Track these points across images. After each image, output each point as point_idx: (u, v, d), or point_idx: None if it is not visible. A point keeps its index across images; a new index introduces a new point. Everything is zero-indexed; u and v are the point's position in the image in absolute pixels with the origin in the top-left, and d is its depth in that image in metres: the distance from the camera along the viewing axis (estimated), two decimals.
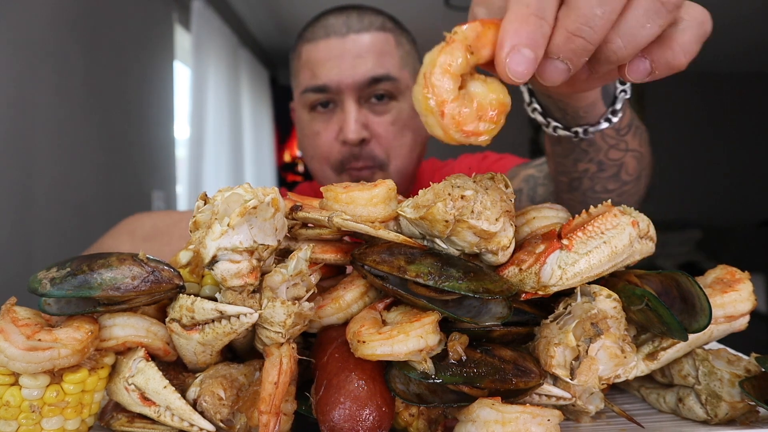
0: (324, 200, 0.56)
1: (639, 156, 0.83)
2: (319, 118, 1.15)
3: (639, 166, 0.84)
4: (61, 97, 1.91)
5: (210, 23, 3.16)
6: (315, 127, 1.15)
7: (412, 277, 0.49)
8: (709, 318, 0.50)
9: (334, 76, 1.09)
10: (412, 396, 0.49)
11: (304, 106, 1.17)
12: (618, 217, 0.52)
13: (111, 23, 2.29)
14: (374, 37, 1.11)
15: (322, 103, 1.14)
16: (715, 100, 6.09)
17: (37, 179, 1.75)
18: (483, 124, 0.44)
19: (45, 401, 0.48)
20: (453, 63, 0.43)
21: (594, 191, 0.85)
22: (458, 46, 0.43)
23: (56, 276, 0.49)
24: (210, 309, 0.48)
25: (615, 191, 0.85)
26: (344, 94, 1.09)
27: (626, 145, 0.80)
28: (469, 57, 0.43)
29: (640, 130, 0.82)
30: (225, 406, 0.50)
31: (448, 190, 0.49)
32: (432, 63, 0.43)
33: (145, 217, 1.04)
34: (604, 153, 0.79)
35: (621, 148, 0.80)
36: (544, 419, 0.46)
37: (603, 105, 0.72)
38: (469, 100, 0.44)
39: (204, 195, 0.50)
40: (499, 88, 0.45)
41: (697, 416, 0.55)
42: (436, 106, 0.43)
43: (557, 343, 0.50)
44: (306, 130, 1.18)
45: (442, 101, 0.43)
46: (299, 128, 1.23)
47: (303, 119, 1.19)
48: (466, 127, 0.44)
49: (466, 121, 0.44)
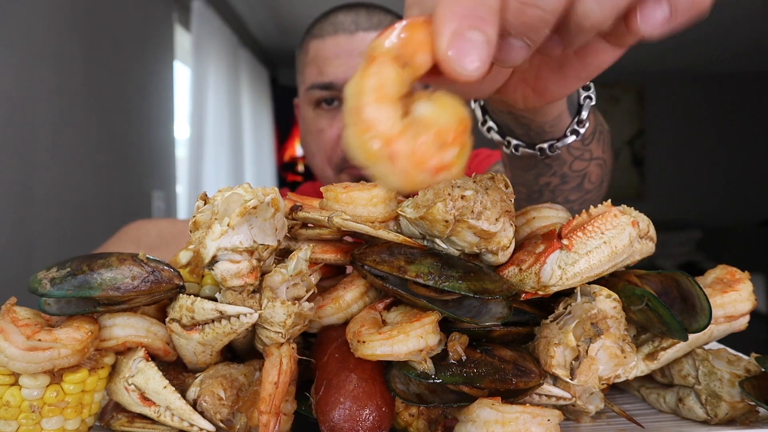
0: (324, 200, 0.56)
1: (602, 163, 0.77)
2: (324, 115, 1.15)
3: (602, 173, 0.78)
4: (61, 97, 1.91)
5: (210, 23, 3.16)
6: (319, 125, 1.15)
7: (412, 277, 0.49)
8: (709, 318, 0.50)
9: (341, 74, 1.09)
10: (412, 396, 0.49)
11: (309, 102, 1.17)
12: (618, 217, 0.52)
13: (111, 23, 2.29)
14: None
15: (327, 100, 1.14)
16: (715, 100, 6.09)
17: (37, 179, 1.75)
18: (448, 152, 0.33)
19: (45, 401, 0.48)
20: (385, 85, 0.32)
21: (554, 201, 0.75)
22: (384, 62, 0.33)
23: (56, 276, 0.49)
24: (210, 309, 0.48)
25: (577, 201, 0.80)
26: None
27: (590, 154, 0.74)
28: (403, 71, 0.33)
29: (603, 135, 0.76)
30: (225, 406, 0.50)
31: (448, 190, 0.49)
32: (358, 93, 0.32)
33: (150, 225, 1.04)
34: (569, 165, 0.73)
35: (585, 158, 0.73)
36: (544, 419, 0.46)
37: (568, 116, 0.64)
38: (420, 127, 0.33)
39: (204, 195, 0.50)
40: (451, 100, 0.35)
41: (697, 416, 0.55)
42: (381, 149, 0.32)
43: (557, 343, 0.50)
44: (310, 126, 1.18)
45: (388, 139, 0.32)
46: (303, 125, 1.23)
47: (307, 116, 1.19)
48: (429, 163, 0.33)
49: (426, 156, 0.32)
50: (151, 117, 2.70)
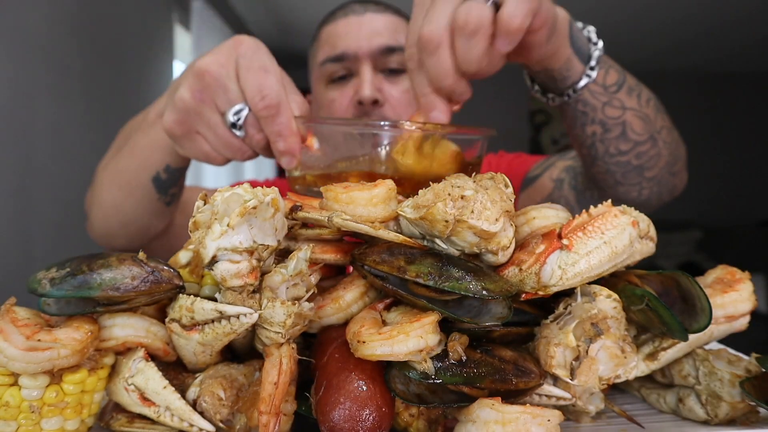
0: (324, 200, 0.56)
1: (643, 116, 0.87)
2: (336, 88, 1.19)
3: (646, 127, 0.88)
4: (61, 97, 1.91)
5: (210, 23, 3.16)
6: (330, 96, 1.19)
7: (412, 277, 0.49)
8: (709, 318, 0.50)
9: (352, 44, 1.14)
10: (412, 396, 0.49)
11: (322, 79, 1.20)
12: (618, 217, 0.52)
13: (111, 23, 2.29)
14: (390, 17, 1.18)
15: (339, 76, 1.18)
16: (715, 100, 6.09)
17: (37, 179, 1.75)
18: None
19: (44, 401, 0.48)
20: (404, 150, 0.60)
21: (610, 155, 0.90)
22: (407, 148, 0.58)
23: (56, 276, 0.49)
24: (210, 309, 0.48)
25: (630, 152, 0.89)
26: (361, 62, 1.14)
27: (621, 103, 0.85)
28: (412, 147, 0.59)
29: (637, 92, 0.88)
30: (225, 406, 0.50)
31: (448, 190, 0.49)
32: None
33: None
34: (601, 110, 0.85)
35: (616, 105, 0.85)
36: (544, 419, 0.46)
37: (579, 63, 0.80)
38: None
39: (204, 195, 0.50)
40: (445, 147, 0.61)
41: (698, 416, 0.55)
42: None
43: (557, 343, 0.50)
44: (322, 101, 1.21)
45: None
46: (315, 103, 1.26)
47: (319, 92, 1.22)
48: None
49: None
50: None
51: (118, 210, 0.95)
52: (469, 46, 0.61)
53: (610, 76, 0.84)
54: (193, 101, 0.70)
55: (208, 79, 0.69)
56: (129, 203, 0.94)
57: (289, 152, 0.71)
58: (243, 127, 0.71)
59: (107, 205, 0.96)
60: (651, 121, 0.89)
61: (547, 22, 0.67)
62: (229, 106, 0.70)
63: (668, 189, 0.99)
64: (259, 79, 0.69)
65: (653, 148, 0.90)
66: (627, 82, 0.87)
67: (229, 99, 0.70)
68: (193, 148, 0.75)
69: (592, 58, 0.81)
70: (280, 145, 0.70)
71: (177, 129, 0.73)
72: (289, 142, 0.70)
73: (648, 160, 0.91)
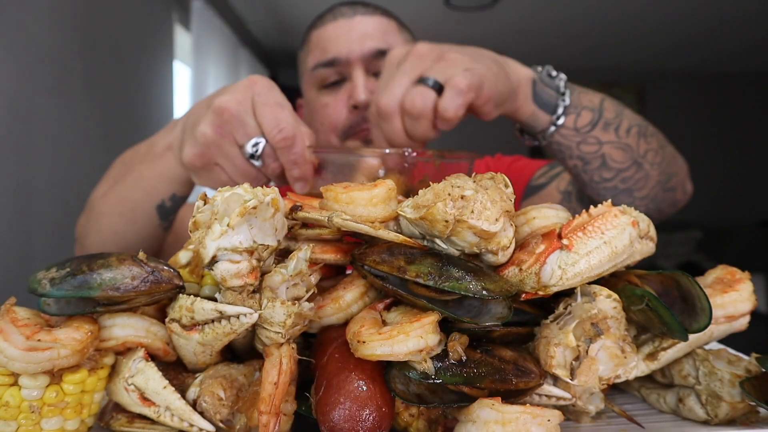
0: (324, 200, 0.56)
1: (622, 146, 0.92)
2: (328, 93, 1.20)
3: (627, 155, 0.92)
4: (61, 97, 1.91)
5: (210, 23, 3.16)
6: (323, 101, 1.19)
7: (412, 277, 0.49)
8: (709, 318, 0.50)
9: (343, 48, 1.14)
10: (412, 396, 0.49)
11: (314, 84, 1.20)
12: (618, 217, 0.52)
13: (111, 23, 2.29)
14: (379, 20, 1.19)
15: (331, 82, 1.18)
16: (715, 100, 6.09)
17: (37, 179, 1.75)
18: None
19: (44, 401, 0.48)
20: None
21: (595, 182, 0.94)
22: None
23: (56, 276, 0.49)
24: (210, 309, 0.48)
25: (614, 178, 0.94)
26: (353, 66, 1.14)
27: (596, 139, 0.91)
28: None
29: (615, 125, 0.92)
30: (225, 406, 0.50)
31: (448, 190, 0.49)
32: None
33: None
34: (576, 148, 0.91)
35: (591, 142, 0.91)
36: (544, 419, 0.46)
37: (545, 114, 0.88)
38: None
39: (204, 195, 0.50)
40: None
41: (698, 416, 0.55)
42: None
43: (557, 343, 0.50)
44: (314, 105, 1.21)
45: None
46: (307, 109, 1.26)
47: (311, 98, 1.22)
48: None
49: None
50: (151, 117, 2.70)
51: (118, 237, 0.96)
52: (414, 125, 0.76)
53: (582, 118, 0.89)
54: (214, 135, 0.76)
55: (227, 116, 0.75)
56: (130, 230, 0.95)
57: (302, 178, 0.78)
58: (260, 157, 0.77)
59: (107, 232, 0.96)
60: (632, 149, 0.93)
61: (492, 98, 0.78)
62: (247, 139, 0.76)
63: (667, 203, 1.01)
64: (275, 113, 0.75)
65: (638, 172, 0.94)
66: (603, 118, 0.91)
67: (247, 133, 0.76)
68: (211, 178, 0.81)
69: (558, 108, 0.87)
70: (295, 172, 0.77)
71: (197, 161, 0.78)
72: (303, 169, 0.77)
73: (635, 183, 0.94)
